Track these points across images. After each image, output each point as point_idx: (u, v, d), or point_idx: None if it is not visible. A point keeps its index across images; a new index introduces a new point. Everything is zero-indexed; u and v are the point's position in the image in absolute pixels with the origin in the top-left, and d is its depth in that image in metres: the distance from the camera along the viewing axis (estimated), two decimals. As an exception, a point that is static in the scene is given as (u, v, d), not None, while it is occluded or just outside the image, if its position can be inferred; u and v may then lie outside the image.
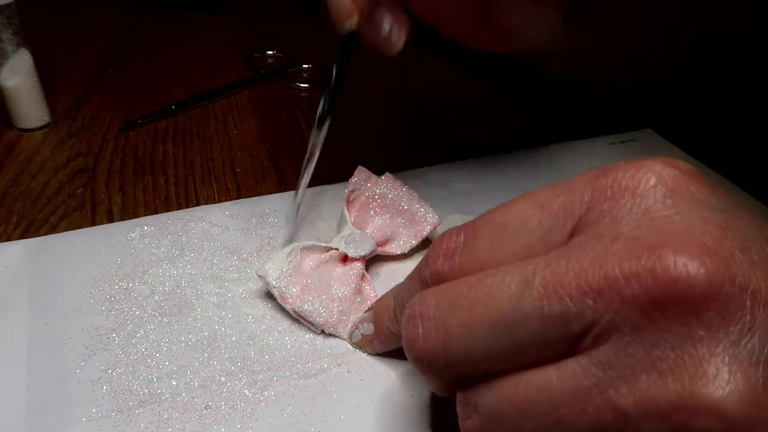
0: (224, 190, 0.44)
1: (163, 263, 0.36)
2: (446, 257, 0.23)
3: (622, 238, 0.19)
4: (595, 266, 0.18)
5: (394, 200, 0.37)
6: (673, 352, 0.18)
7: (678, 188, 0.20)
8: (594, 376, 0.19)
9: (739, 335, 0.17)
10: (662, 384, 0.17)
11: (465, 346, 0.21)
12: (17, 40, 0.46)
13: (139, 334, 0.32)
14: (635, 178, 0.20)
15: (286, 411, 0.28)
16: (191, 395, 0.29)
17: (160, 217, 0.40)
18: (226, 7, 0.75)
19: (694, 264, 0.17)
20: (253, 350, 0.31)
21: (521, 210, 0.22)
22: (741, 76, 0.49)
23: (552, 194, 0.22)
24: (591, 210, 0.20)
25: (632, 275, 0.18)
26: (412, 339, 0.22)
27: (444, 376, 0.23)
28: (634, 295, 0.18)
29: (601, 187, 0.21)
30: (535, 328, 0.19)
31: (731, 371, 0.17)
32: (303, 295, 0.32)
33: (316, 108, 0.54)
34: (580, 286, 0.18)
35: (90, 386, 0.29)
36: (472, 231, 0.23)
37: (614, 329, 0.18)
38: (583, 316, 0.18)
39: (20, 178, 0.44)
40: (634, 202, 0.20)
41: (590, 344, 0.19)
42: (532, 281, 0.20)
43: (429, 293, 0.23)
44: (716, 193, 0.20)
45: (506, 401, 0.20)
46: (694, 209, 0.19)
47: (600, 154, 0.48)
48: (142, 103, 0.54)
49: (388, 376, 0.30)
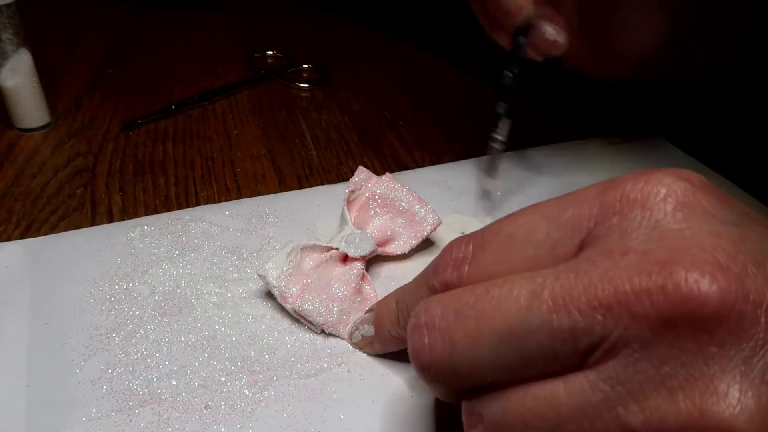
0: (224, 190, 0.44)
1: (163, 263, 0.36)
2: (455, 267, 0.23)
3: (632, 253, 0.19)
4: (605, 281, 0.18)
5: (395, 200, 0.37)
6: (684, 370, 0.17)
7: (689, 201, 0.19)
8: (602, 391, 0.18)
9: (751, 352, 0.17)
10: (672, 402, 0.17)
11: (471, 358, 0.21)
12: (17, 40, 0.46)
13: (139, 334, 0.32)
14: (644, 191, 0.20)
15: (286, 411, 0.29)
16: (191, 395, 0.29)
17: (160, 217, 0.40)
18: (226, 7, 0.75)
19: (706, 281, 0.17)
20: (253, 350, 0.31)
21: (529, 222, 0.22)
22: (742, 76, 0.49)
23: (560, 207, 0.22)
24: (600, 224, 0.20)
25: (643, 291, 0.18)
26: (417, 348, 0.22)
27: (450, 385, 0.23)
28: (644, 311, 0.18)
29: (610, 201, 0.20)
30: (543, 342, 0.19)
31: (742, 390, 0.17)
32: (303, 294, 0.32)
33: (316, 108, 0.55)
34: (590, 301, 0.18)
35: (90, 386, 0.29)
36: (480, 241, 0.23)
37: (624, 345, 0.18)
38: (593, 331, 0.18)
39: (20, 178, 0.44)
40: (644, 216, 0.19)
41: (599, 359, 0.19)
42: (540, 294, 0.19)
43: (435, 302, 0.23)
44: (729, 205, 0.20)
45: (513, 413, 0.20)
46: (706, 223, 0.19)
47: (601, 155, 0.48)
48: (142, 103, 0.54)
49: (388, 376, 0.31)
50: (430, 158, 0.47)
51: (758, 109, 0.47)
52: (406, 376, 0.31)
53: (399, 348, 0.30)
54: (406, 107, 0.55)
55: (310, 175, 0.46)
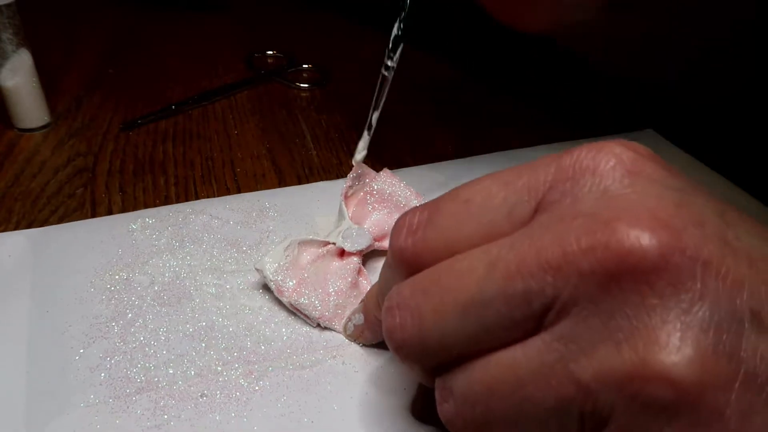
0: (224, 190, 0.44)
1: (164, 254, 0.37)
2: (409, 233, 0.24)
3: (581, 216, 0.19)
4: (554, 244, 0.19)
5: (392, 196, 0.37)
6: (628, 322, 0.18)
7: (636, 170, 0.20)
8: (556, 350, 0.19)
9: (690, 303, 0.18)
10: (618, 353, 0.18)
11: (439, 332, 0.22)
12: (17, 40, 0.46)
13: (138, 323, 0.32)
14: (596, 159, 0.21)
15: (281, 401, 0.29)
16: (188, 384, 0.30)
17: (161, 210, 0.40)
18: (226, 7, 0.75)
19: (646, 235, 0.18)
20: (249, 341, 0.32)
21: (485, 188, 0.23)
22: (741, 75, 0.50)
23: (516, 173, 0.22)
24: (553, 189, 0.21)
25: (588, 249, 0.18)
26: (391, 329, 0.23)
27: (423, 362, 0.23)
28: (590, 268, 0.18)
29: (564, 167, 0.21)
30: (501, 309, 0.20)
31: (682, 338, 0.17)
32: (299, 288, 0.33)
33: (316, 108, 0.55)
34: (540, 264, 0.19)
35: (88, 373, 0.30)
36: (435, 207, 0.24)
37: (573, 303, 0.19)
38: (544, 292, 0.19)
39: (20, 178, 0.44)
40: (594, 182, 0.20)
41: (552, 320, 0.19)
42: (496, 263, 0.20)
43: (405, 284, 0.23)
44: (674, 174, 0.21)
45: (478, 383, 0.21)
46: (651, 187, 0.20)
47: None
48: (142, 103, 0.54)
49: (382, 369, 0.31)
50: (430, 158, 0.47)
51: (757, 108, 0.47)
52: (399, 369, 0.31)
53: None
54: (405, 107, 0.55)
55: (310, 174, 0.46)
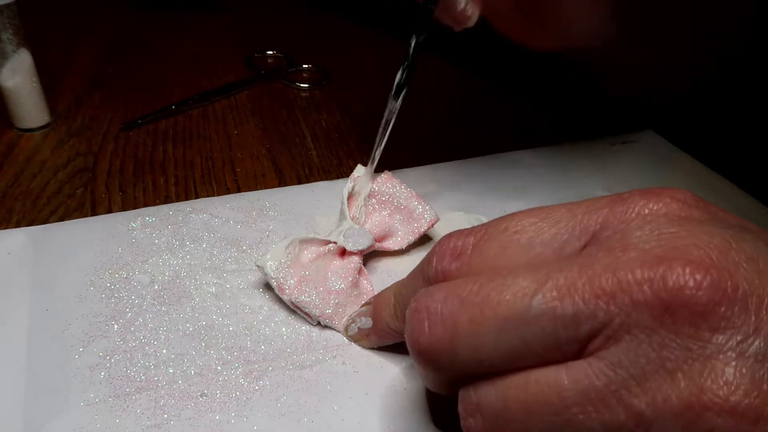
0: (224, 191, 0.45)
1: (164, 253, 0.37)
2: (453, 256, 0.25)
3: (632, 249, 0.21)
4: (608, 272, 0.20)
5: (393, 197, 0.38)
6: (682, 353, 0.19)
7: (685, 215, 0.22)
8: (606, 375, 0.20)
9: (744, 336, 0.19)
10: (673, 383, 0.19)
11: (473, 343, 0.22)
12: (17, 40, 0.47)
13: (137, 322, 0.33)
14: (647, 207, 0.22)
15: (281, 400, 0.30)
16: (187, 383, 0.30)
17: (161, 208, 0.41)
18: (226, 7, 0.76)
19: (701, 271, 0.19)
20: (249, 340, 0.33)
21: (535, 223, 0.24)
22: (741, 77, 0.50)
23: (568, 213, 0.24)
24: (604, 228, 0.22)
25: (644, 281, 0.19)
26: (417, 332, 0.23)
27: (446, 372, 0.24)
28: (645, 299, 0.19)
29: (616, 211, 0.22)
30: (546, 328, 0.21)
31: (738, 368, 0.19)
32: (300, 286, 0.33)
33: (316, 108, 0.56)
34: (594, 290, 0.20)
35: (88, 372, 0.30)
36: (484, 234, 0.25)
37: (626, 331, 0.20)
38: (596, 317, 0.20)
39: (20, 178, 0.45)
40: (645, 223, 0.22)
41: (600, 346, 0.20)
42: (545, 283, 0.21)
43: (437, 288, 0.24)
44: (722, 217, 0.22)
45: (514, 401, 0.22)
46: (702, 227, 0.21)
47: (601, 155, 0.49)
48: (142, 103, 0.55)
49: (382, 369, 0.32)
50: (430, 158, 0.48)
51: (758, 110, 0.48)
52: (399, 369, 0.32)
53: (394, 341, 0.31)
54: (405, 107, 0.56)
55: (310, 175, 0.47)
